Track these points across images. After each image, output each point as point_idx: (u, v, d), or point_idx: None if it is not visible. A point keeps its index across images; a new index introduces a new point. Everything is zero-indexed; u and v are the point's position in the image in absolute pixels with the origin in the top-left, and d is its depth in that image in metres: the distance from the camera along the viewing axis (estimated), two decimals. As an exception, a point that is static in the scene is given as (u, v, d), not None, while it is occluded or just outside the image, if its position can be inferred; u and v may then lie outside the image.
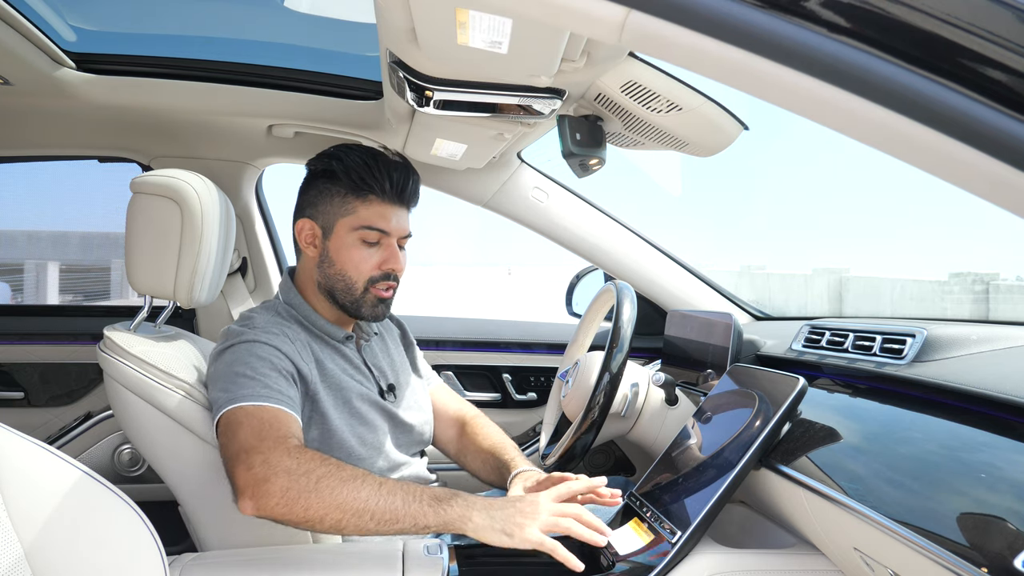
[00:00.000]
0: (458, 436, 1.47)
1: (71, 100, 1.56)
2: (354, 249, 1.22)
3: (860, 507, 0.86)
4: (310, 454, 0.99)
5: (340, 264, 1.23)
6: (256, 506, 0.95)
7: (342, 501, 0.95)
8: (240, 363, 1.10)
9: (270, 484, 0.95)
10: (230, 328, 1.20)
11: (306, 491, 0.95)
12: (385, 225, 1.22)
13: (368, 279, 1.23)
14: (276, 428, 1.02)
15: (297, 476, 0.95)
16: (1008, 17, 0.43)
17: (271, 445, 0.99)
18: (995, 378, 0.92)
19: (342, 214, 1.22)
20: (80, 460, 0.82)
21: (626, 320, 1.35)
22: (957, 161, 0.45)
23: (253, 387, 1.06)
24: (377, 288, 1.23)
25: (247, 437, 1.00)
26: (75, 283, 13.54)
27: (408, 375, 1.39)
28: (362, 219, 1.21)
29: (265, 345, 1.13)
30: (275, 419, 1.04)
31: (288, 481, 0.95)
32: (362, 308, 1.24)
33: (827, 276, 15.86)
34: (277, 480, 0.95)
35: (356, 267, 1.22)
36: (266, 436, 1.00)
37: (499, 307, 19.49)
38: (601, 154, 1.37)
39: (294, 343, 1.18)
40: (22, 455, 0.74)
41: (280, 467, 0.96)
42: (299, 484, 0.95)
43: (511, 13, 0.82)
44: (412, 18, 0.89)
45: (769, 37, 0.46)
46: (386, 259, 1.23)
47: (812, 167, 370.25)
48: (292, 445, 1.00)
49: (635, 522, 1.17)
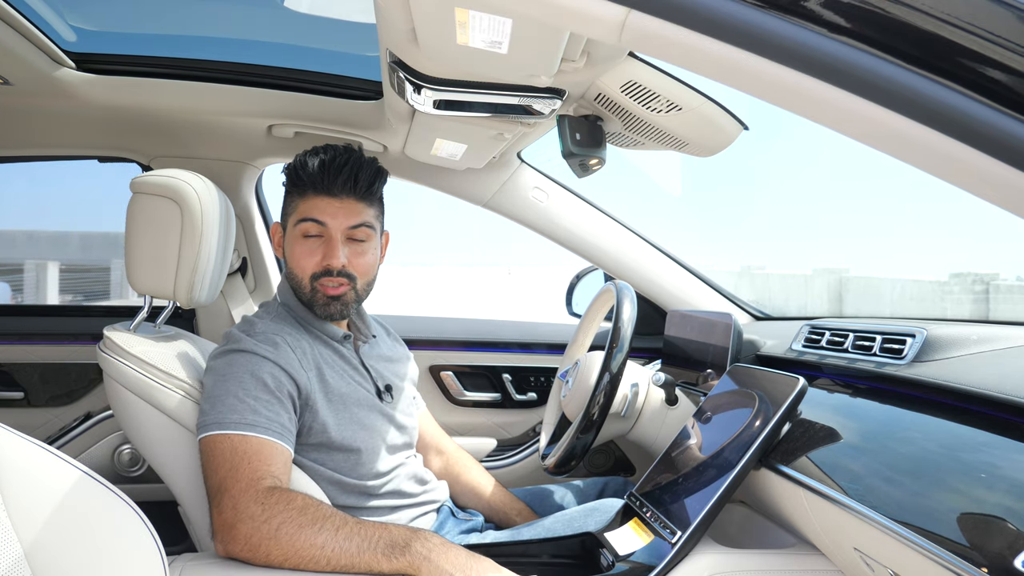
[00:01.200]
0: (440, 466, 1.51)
1: (71, 100, 1.56)
2: (296, 245, 1.22)
3: (860, 507, 0.86)
4: (276, 497, 0.99)
5: (291, 263, 1.24)
6: (224, 550, 0.98)
7: (299, 548, 0.95)
8: (234, 379, 1.09)
9: (235, 530, 0.97)
10: (231, 332, 1.19)
11: (267, 538, 0.96)
12: (319, 215, 1.20)
13: (311, 275, 1.21)
14: (254, 466, 1.02)
15: (259, 523, 0.96)
16: (1008, 17, 0.43)
17: (243, 488, 0.99)
18: (995, 378, 0.92)
19: (290, 212, 1.24)
20: (80, 460, 0.82)
21: (626, 320, 1.35)
22: (957, 161, 0.45)
23: (242, 412, 1.06)
24: (323, 285, 1.21)
25: (225, 474, 1.02)
26: (75, 283, 13.55)
27: (403, 379, 1.39)
28: (300, 212, 1.21)
29: (264, 360, 1.12)
30: (256, 454, 1.03)
31: (251, 528, 0.96)
32: (315, 307, 1.23)
33: (827, 276, 15.86)
34: (242, 526, 0.96)
35: (298, 263, 1.22)
36: (240, 476, 1.01)
37: (499, 307, 19.48)
38: (601, 154, 1.37)
39: (294, 351, 1.17)
40: (22, 455, 0.74)
41: (246, 513, 0.97)
42: (260, 531, 0.96)
43: (511, 13, 0.82)
44: (412, 18, 0.89)
45: (769, 37, 0.46)
46: (324, 254, 1.21)
47: (812, 167, 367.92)
48: (263, 488, 0.99)
49: (635, 522, 1.17)
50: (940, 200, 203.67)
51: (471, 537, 1.30)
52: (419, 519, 1.29)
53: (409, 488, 1.28)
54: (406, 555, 0.96)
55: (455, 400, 2.01)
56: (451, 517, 1.36)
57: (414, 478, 1.30)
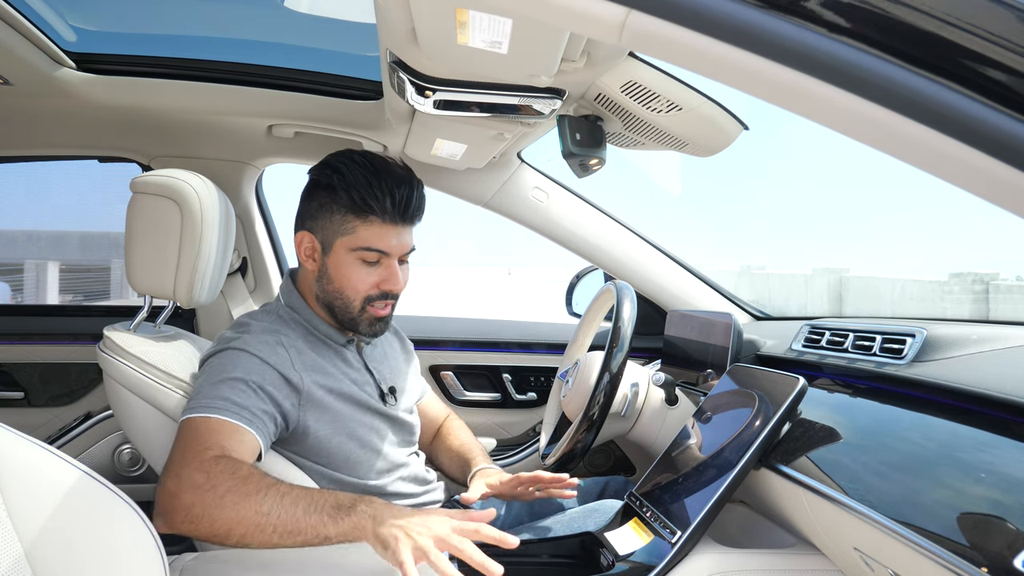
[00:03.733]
0: (432, 437, 1.52)
1: (71, 100, 1.56)
2: (352, 269, 1.18)
3: (860, 507, 0.86)
4: (222, 466, 0.95)
5: (338, 282, 1.19)
6: (164, 522, 0.93)
7: (244, 515, 0.92)
8: (216, 373, 1.09)
9: (177, 500, 0.93)
10: (223, 333, 1.19)
11: (211, 507, 0.92)
12: (385, 246, 1.18)
13: (365, 298, 1.20)
14: (204, 441, 0.99)
15: (203, 492, 0.93)
16: (1008, 17, 0.43)
17: (189, 459, 0.96)
18: (995, 378, 0.92)
19: (341, 232, 1.17)
20: (80, 460, 0.82)
21: (626, 320, 1.35)
22: (957, 161, 0.45)
23: (210, 398, 1.04)
24: (375, 307, 1.21)
25: (175, 452, 0.99)
26: (75, 283, 13.55)
27: (405, 380, 1.39)
28: (361, 240, 1.17)
29: (250, 355, 1.11)
30: (212, 432, 1.00)
31: (194, 497, 0.92)
32: (359, 326, 1.22)
33: (827, 276, 15.85)
34: (184, 496, 0.93)
35: (354, 287, 1.19)
36: (188, 449, 0.98)
37: (499, 307, 19.48)
38: (601, 154, 1.37)
39: (288, 350, 1.16)
40: (22, 455, 0.74)
41: (189, 483, 0.94)
42: (204, 500, 0.92)
43: (511, 13, 0.82)
44: (412, 18, 0.89)
45: (769, 37, 0.46)
46: (385, 279, 1.20)
47: (812, 167, 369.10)
48: (208, 457, 0.96)
49: (635, 522, 1.17)
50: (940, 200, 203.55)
51: (471, 537, 1.29)
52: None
53: (409, 489, 1.28)
54: (352, 515, 0.93)
55: (455, 400, 2.02)
56: (451, 518, 1.36)
57: (415, 479, 1.30)
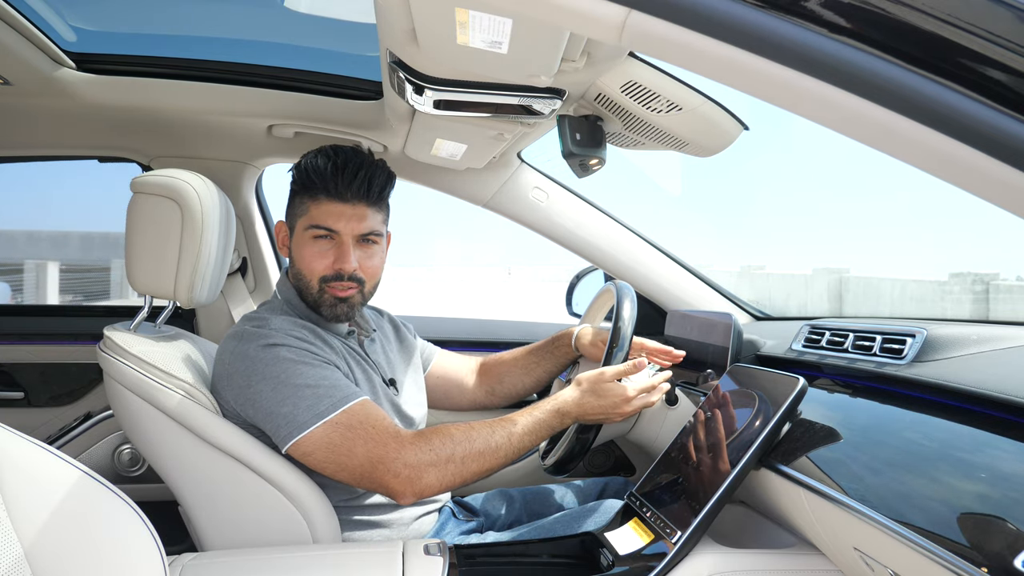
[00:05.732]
0: (482, 377, 1.60)
1: (71, 100, 1.56)
2: (307, 248, 1.23)
3: (860, 507, 0.86)
4: (429, 440, 1.10)
5: (299, 264, 1.24)
6: (419, 498, 1.09)
7: (490, 467, 1.11)
8: (291, 374, 1.10)
9: (424, 481, 1.08)
10: (245, 330, 1.18)
11: (459, 474, 1.10)
12: (332, 223, 1.21)
13: (320, 278, 1.22)
14: (380, 426, 1.10)
15: (442, 466, 1.09)
16: (1008, 17, 0.43)
17: (395, 446, 1.08)
18: (995, 378, 0.92)
19: (299, 214, 1.24)
20: (80, 460, 0.82)
21: (626, 320, 1.35)
22: (957, 161, 0.45)
23: (328, 395, 1.09)
24: (333, 288, 1.22)
25: (366, 448, 1.08)
26: (75, 283, 13.56)
27: (405, 373, 1.40)
28: (312, 218, 1.22)
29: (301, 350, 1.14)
30: (368, 416, 1.10)
31: (439, 472, 1.08)
32: (321, 308, 1.24)
33: (827, 276, 15.85)
34: (429, 475, 1.08)
35: (308, 266, 1.23)
36: (379, 439, 1.08)
37: (499, 307, 19.48)
38: (601, 154, 1.37)
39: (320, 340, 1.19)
40: (22, 455, 0.74)
41: (421, 463, 1.08)
42: (450, 471, 1.09)
43: (511, 13, 0.82)
44: (412, 18, 0.89)
45: (769, 37, 0.46)
46: (336, 258, 1.22)
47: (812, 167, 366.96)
48: (407, 437, 1.10)
49: (635, 522, 1.17)
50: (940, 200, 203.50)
51: (471, 537, 1.30)
52: (421, 519, 1.29)
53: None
54: (565, 418, 1.20)
55: (455, 410, 2.01)
56: (452, 518, 1.36)
57: None
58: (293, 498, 1.13)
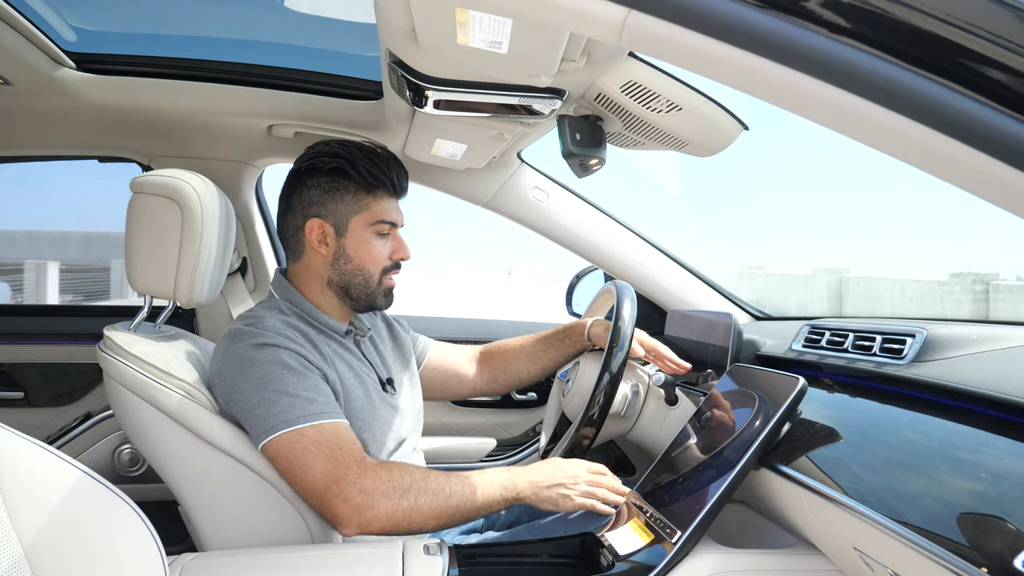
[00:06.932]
0: (484, 365, 1.61)
1: (71, 100, 1.56)
2: (370, 244, 1.26)
3: (860, 507, 0.86)
4: (390, 470, 1.08)
5: (358, 259, 1.26)
6: (363, 531, 1.06)
7: (440, 512, 1.08)
8: (273, 378, 1.10)
9: (374, 511, 1.05)
10: (238, 329, 1.18)
11: (409, 511, 1.06)
12: (395, 218, 1.28)
13: (382, 269, 1.28)
14: (347, 448, 1.08)
15: (396, 499, 1.06)
16: (1008, 17, 0.43)
17: (356, 471, 1.06)
18: (995, 378, 0.92)
19: (355, 211, 1.25)
20: (80, 460, 0.82)
21: (626, 320, 1.35)
22: (957, 161, 0.45)
23: (303, 406, 1.09)
24: (389, 277, 1.30)
25: (326, 467, 1.06)
26: (75, 283, 13.56)
27: (401, 371, 1.40)
28: (375, 214, 1.25)
29: (291, 352, 1.14)
30: (339, 438, 1.08)
31: (390, 505, 1.05)
32: (376, 299, 1.29)
33: (827, 276, 15.85)
34: (379, 506, 1.05)
35: (374, 260, 1.27)
36: (342, 460, 1.06)
37: (499, 307, 19.48)
38: (601, 154, 1.37)
39: (310, 344, 1.19)
40: (22, 455, 0.74)
41: (376, 491, 1.05)
42: (401, 506, 1.06)
43: (511, 13, 0.82)
44: (412, 18, 0.89)
45: (769, 37, 0.46)
46: (396, 249, 1.29)
47: (812, 167, 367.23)
48: (371, 464, 1.08)
49: (635, 522, 1.17)
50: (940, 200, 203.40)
51: (471, 537, 1.30)
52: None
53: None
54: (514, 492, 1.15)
55: (455, 400, 2.01)
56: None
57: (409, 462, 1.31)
58: (293, 498, 1.13)
